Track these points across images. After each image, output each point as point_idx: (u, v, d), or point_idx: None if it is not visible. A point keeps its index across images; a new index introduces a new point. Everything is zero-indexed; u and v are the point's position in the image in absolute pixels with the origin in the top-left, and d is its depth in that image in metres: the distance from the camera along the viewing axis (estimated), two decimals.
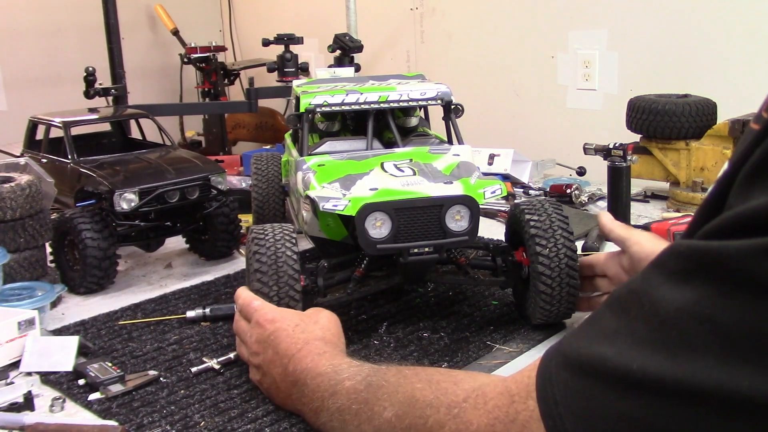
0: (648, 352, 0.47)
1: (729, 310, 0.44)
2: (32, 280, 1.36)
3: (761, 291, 0.43)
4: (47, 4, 3.04)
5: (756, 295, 0.43)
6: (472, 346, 1.12)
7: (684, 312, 0.46)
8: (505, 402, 0.62)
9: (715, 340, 0.44)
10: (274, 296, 1.04)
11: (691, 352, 0.45)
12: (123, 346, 1.17)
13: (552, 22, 2.48)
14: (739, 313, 0.44)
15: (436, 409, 0.69)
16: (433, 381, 0.73)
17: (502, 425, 0.61)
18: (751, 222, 0.45)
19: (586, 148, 1.83)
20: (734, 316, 0.44)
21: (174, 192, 1.43)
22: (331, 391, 0.83)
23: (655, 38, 2.24)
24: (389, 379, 0.79)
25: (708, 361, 0.44)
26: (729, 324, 0.44)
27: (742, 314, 0.43)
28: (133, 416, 0.96)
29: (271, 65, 2.32)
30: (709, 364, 0.44)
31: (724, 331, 0.44)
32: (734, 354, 0.43)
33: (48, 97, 2.86)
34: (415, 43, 2.90)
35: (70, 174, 1.51)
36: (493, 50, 2.65)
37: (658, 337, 0.47)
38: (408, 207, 1.04)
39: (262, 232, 1.10)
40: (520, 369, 0.64)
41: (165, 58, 3.39)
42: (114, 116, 1.85)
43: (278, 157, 1.61)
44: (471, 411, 0.65)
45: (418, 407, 0.71)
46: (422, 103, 1.29)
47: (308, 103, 1.25)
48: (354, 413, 0.78)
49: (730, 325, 0.44)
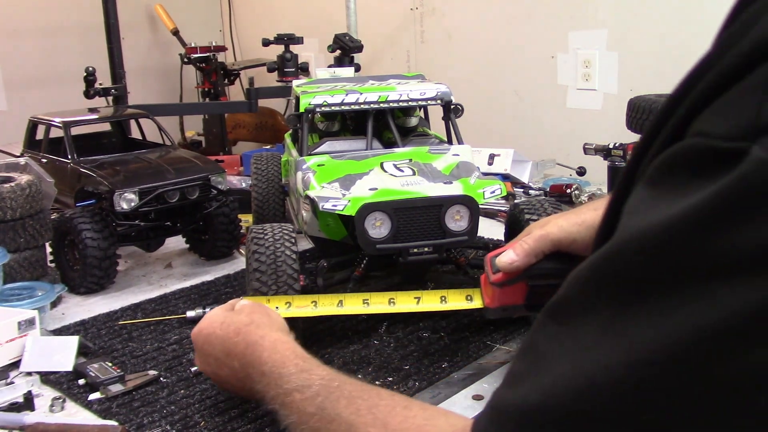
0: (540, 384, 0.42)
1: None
2: (32, 280, 1.36)
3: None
4: (47, 4, 3.04)
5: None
6: (472, 346, 1.12)
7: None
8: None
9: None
10: (274, 295, 1.04)
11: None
12: (123, 346, 1.17)
13: (552, 22, 2.47)
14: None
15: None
16: (389, 428, 0.66)
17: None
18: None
19: (586, 148, 1.83)
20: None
21: (174, 192, 1.43)
22: (281, 401, 0.78)
23: (655, 38, 2.23)
24: (341, 412, 0.70)
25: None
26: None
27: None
28: (133, 416, 0.96)
29: (271, 65, 2.32)
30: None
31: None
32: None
33: (48, 97, 2.85)
34: (415, 43, 2.90)
35: (70, 174, 1.51)
36: (493, 50, 2.65)
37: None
38: (407, 207, 1.04)
39: (262, 231, 1.10)
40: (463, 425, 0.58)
41: (165, 58, 3.39)
42: (114, 116, 1.85)
43: (278, 157, 1.61)
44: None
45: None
46: (422, 103, 1.29)
47: (308, 103, 1.26)
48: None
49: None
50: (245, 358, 0.86)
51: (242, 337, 0.88)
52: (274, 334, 0.87)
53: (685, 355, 0.35)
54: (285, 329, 0.91)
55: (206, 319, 0.96)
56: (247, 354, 0.86)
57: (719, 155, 0.34)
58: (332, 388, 0.73)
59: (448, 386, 1.02)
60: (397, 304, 1.04)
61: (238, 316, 0.93)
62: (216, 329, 0.92)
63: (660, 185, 0.38)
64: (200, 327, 0.95)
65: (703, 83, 0.38)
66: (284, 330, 0.91)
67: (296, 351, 0.83)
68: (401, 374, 1.05)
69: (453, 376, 1.04)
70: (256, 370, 0.83)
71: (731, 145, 0.34)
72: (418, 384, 1.02)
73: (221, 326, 0.92)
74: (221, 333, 0.91)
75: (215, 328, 0.92)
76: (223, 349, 0.90)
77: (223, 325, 0.92)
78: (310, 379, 0.76)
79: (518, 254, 0.92)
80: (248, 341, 0.87)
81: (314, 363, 0.80)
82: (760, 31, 0.36)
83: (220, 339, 0.91)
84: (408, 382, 1.02)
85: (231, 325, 0.91)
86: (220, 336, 0.91)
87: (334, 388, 0.73)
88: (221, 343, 0.90)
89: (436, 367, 1.06)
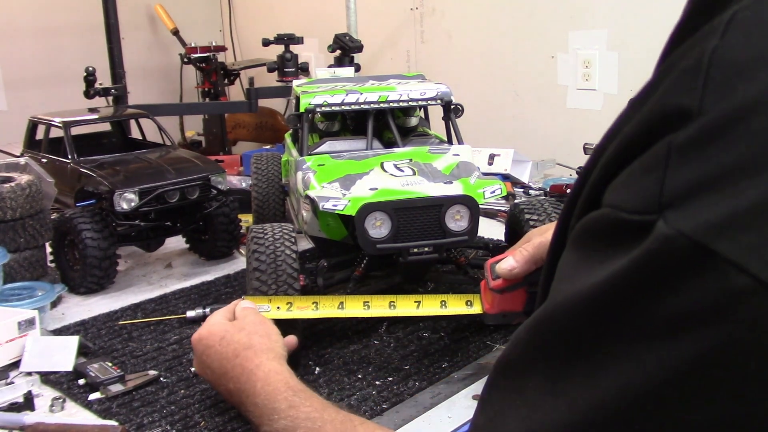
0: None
1: None
2: (32, 280, 1.36)
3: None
4: (47, 4, 3.04)
5: None
6: (472, 346, 1.12)
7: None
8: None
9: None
10: (273, 295, 1.04)
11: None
12: (123, 346, 1.17)
13: (552, 22, 2.47)
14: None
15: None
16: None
17: None
18: None
19: (586, 148, 1.83)
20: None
21: (174, 192, 1.43)
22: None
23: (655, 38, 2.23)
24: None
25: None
26: None
27: None
28: (133, 416, 0.96)
29: (271, 65, 2.32)
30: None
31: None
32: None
33: (48, 97, 2.85)
34: (415, 43, 2.90)
35: (70, 174, 1.51)
36: (493, 50, 2.65)
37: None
38: (408, 207, 1.04)
39: (262, 231, 1.10)
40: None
41: (165, 58, 3.39)
42: (114, 116, 1.85)
43: (278, 157, 1.61)
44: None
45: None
46: (422, 103, 1.29)
47: (308, 103, 1.26)
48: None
49: None
50: (240, 385, 0.87)
51: (239, 361, 0.88)
52: (269, 364, 0.87)
53: (618, 414, 0.36)
54: (282, 355, 0.91)
55: (207, 327, 0.96)
56: (242, 381, 0.86)
57: (628, 227, 0.36)
58: (314, 430, 0.77)
59: (448, 386, 1.02)
60: (398, 308, 1.04)
61: (239, 334, 0.92)
62: (215, 344, 0.92)
63: (582, 249, 0.40)
64: (200, 335, 0.95)
65: (609, 151, 0.40)
66: (281, 357, 0.90)
67: (289, 383, 0.84)
68: (401, 374, 1.05)
69: (453, 376, 1.04)
70: (249, 400, 0.84)
71: (638, 218, 0.36)
72: (418, 384, 1.02)
73: (220, 342, 0.92)
74: (220, 350, 0.91)
75: (215, 342, 0.92)
76: (220, 366, 0.90)
77: (223, 342, 0.92)
78: (297, 417, 0.78)
79: (518, 261, 0.92)
80: (244, 367, 0.87)
81: (304, 396, 0.81)
82: (661, 99, 0.37)
83: (218, 356, 0.91)
84: (408, 382, 1.02)
85: (230, 345, 0.91)
86: (219, 353, 0.91)
87: (316, 429, 0.76)
88: (219, 361, 0.91)
89: (436, 367, 1.06)
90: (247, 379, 0.86)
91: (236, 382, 0.87)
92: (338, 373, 1.06)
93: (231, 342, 0.91)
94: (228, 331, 0.93)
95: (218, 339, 0.92)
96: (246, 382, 0.86)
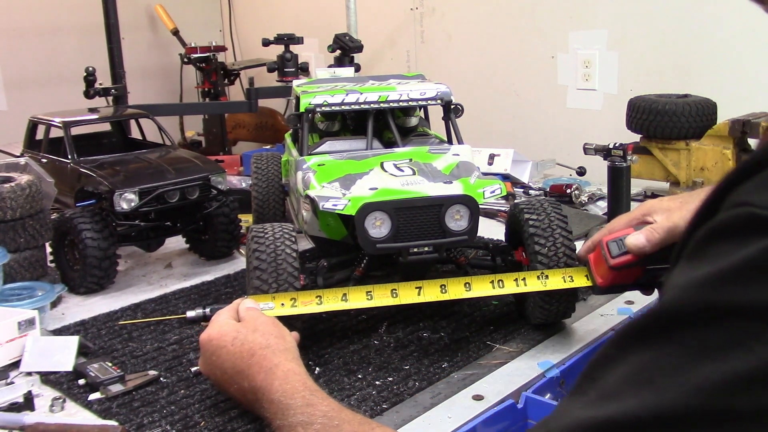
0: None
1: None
2: (32, 280, 1.36)
3: None
4: (47, 4, 3.04)
5: None
6: (472, 346, 1.12)
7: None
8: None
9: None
10: (276, 293, 1.04)
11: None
12: (123, 346, 1.17)
13: (552, 22, 2.48)
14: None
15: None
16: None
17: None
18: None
19: (586, 148, 1.83)
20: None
21: (174, 192, 1.43)
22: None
23: (655, 38, 2.24)
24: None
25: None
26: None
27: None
28: (133, 416, 0.96)
29: (271, 65, 2.32)
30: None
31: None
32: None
33: (48, 97, 2.85)
34: (415, 43, 2.90)
35: (70, 174, 1.51)
36: (493, 50, 2.65)
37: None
38: (408, 206, 1.04)
39: (262, 230, 1.10)
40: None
41: (165, 58, 3.39)
42: (114, 116, 1.85)
43: (278, 157, 1.61)
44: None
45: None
46: (422, 103, 1.29)
47: (308, 102, 1.26)
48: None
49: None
50: (256, 383, 0.87)
51: (256, 360, 0.89)
52: (288, 364, 0.88)
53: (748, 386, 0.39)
54: (298, 357, 0.92)
55: (216, 328, 0.95)
56: (259, 380, 0.87)
57: (763, 222, 0.40)
58: (332, 427, 0.78)
59: (448, 386, 1.02)
60: (400, 296, 1.06)
61: (253, 334, 0.92)
62: (228, 344, 0.92)
63: (701, 255, 0.43)
64: (210, 335, 0.95)
65: (740, 163, 0.45)
66: (298, 359, 0.91)
67: (306, 383, 0.85)
68: (401, 374, 1.05)
69: (453, 376, 1.04)
70: (265, 397, 0.85)
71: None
72: (418, 384, 1.02)
73: (233, 342, 0.92)
74: (233, 349, 0.91)
75: (227, 342, 0.92)
76: (233, 366, 0.90)
77: (236, 342, 0.92)
78: (314, 414, 0.80)
79: (650, 241, 0.98)
80: (262, 366, 0.88)
81: (321, 396, 0.83)
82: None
83: (231, 356, 0.91)
84: (408, 382, 1.02)
85: (245, 344, 0.91)
86: (232, 353, 0.91)
87: (334, 427, 0.78)
88: (232, 361, 0.91)
89: (436, 367, 1.06)
90: (264, 377, 0.86)
91: (252, 380, 0.87)
92: (338, 373, 1.06)
93: (245, 342, 0.91)
94: (240, 331, 0.93)
95: (230, 339, 0.92)
96: (264, 380, 0.86)
